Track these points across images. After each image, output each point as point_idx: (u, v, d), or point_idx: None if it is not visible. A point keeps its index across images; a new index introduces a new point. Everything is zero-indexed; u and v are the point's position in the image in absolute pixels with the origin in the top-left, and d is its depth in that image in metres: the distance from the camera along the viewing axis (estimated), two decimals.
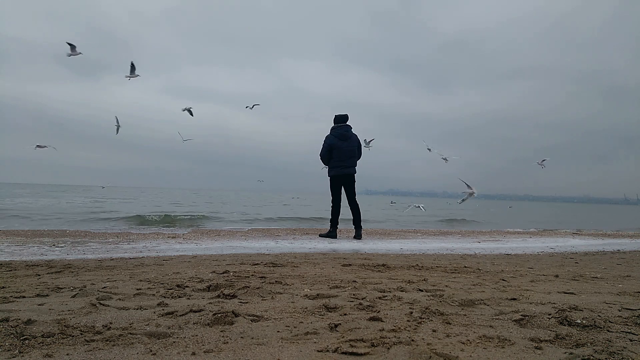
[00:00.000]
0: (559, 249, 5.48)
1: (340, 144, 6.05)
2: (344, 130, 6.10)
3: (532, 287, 2.36)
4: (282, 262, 3.19)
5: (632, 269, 3.51)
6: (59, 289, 2.07)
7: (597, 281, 2.68)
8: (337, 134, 6.08)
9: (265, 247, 4.68)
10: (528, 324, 1.51)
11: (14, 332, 1.32)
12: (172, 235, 5.76)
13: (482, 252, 4.82)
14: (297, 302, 1.81)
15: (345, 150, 6.07)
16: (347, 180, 6.17)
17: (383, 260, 3.56)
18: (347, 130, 6.13)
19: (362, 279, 2.50)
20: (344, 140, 6.06)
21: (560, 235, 7.96)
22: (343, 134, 6.08)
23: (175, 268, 2.89)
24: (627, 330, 1.46)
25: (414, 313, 1.63)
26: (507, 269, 3.19)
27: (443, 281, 2.47)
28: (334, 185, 6.23)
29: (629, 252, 5.20)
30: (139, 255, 3.77)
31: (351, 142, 6.12)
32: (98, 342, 1.27)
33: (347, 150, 6.08)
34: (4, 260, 3.37)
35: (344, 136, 6.08)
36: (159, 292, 2.01)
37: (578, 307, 1.76)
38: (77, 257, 3.68)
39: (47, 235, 5.41)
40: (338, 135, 6.07)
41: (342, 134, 6.08)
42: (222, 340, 1.31)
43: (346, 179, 6.17)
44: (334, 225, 6.19)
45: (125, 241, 4.96)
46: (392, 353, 1.21)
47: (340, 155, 6.06)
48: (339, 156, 6.06)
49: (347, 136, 6.10)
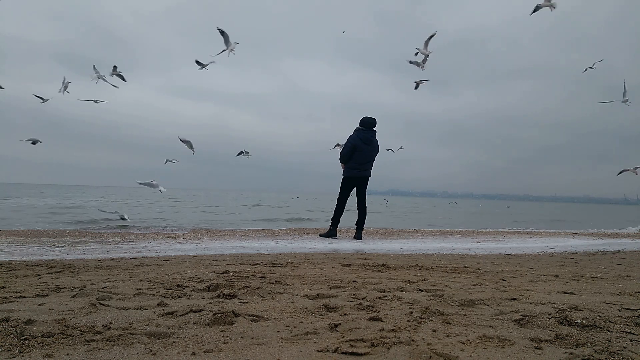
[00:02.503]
0: (559, 249, 5.48)
1: (363, 147, 6.07)
2: (369, 135, 6.14)
3: (532, 287, 2.37)
4: (282, 262, 3.19)
5: (632, 269, 3.51)
6: (59, 289, 2.07)
7: (597, 281, 2.68)
8: (362, 137, 6.09)
9: (265, 247, 4.68)
10: (528, 324, 1.51)
11: (14, 332, 1.32)
12: (172, 235, 5.76)
13: (482, 252, 4.82)
14: (297, 302, 1.81)
15: (366, 154, 6.11)
16: (361, 183, 6.22)
17: (383, 260, 3.56)
18: (373, 135, 6.17)
19: (362, 279, 2.50)
20: (367, 145, 6.10)
21: (560, 235, 7.96)
22: (368, 138, 6.11)
23: (175, 268, 2.89)
24: (627, 330, 1.46)
25: (414, 313, 1.63)
26: (507, 269, 3.19)
27: (443, 281, 2.47)
28: (346, 185, 6.24)
29: (629, 252, 5.20)
30: (139, 255, 3.77)
31: (373, 147, 6.17)
32: (98, 342, 1.27)
33: (368, 155, 6.13)
34: (4, 260, 3.37)
35: (368, 140, 6.11)
36: (159, 292, 2.01)
37: (578, 307, 1.76)
38: (77, 257, 3.68)
39: (47, 235, 5.41)
40: (363, 138, 6.09)
41: (367, 138, 6.11)
42: (222, 340, 1.31)
43: (361, 181, 6.21)
44: (335, 224, 6.21)
45: (125, 241, 4.96)
46: (392, 353, 1.21)
47: (360, 158, 6.09)
48: (359, 159, 6.09)
49: (371, 141, 6.14)
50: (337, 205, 6.26)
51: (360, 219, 6.20)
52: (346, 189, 6.25)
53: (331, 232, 6.14)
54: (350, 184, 6.22)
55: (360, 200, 6.25)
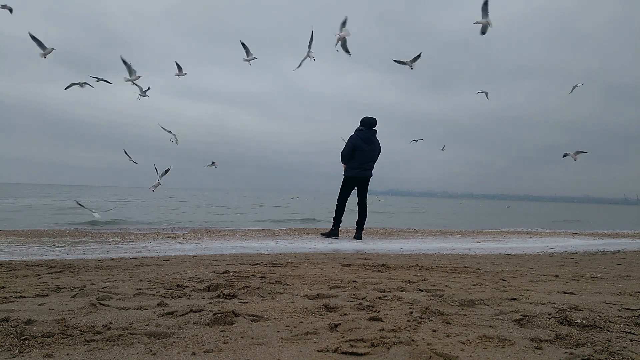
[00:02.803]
0: (559, 249, 5.48)
1: (364, 146, 6.04)
2: (370, 135, 6.10)
3: (532, 287, 2.37)
4: (282, 262, 3.19)
5: (632, 269, 3.51)
6: (59, 289, 2.07)
7: (597, 281, 2.68)
8: (363, 137, 6.06)
9: (265, 247, 4.68)
10: (528, 324, 1.51)
11: (14, 332, 1.32)
12: (172, 235, 5.76)
13: (482, 252, 4.82)
14: (297, 302, 1.81)
15: (367, 154, 6.08)
16: (362, 182, 6.19)
17: (383, 260, 3.56)
18: (373, 135, 6.14)
19: (362, 279, 2.50)
20: (368, 144, 6.06)
21: (560, 236, 7.96)
22: (369, 138, 6.08)
23: (175, 268, 2.89)
24: (627, 330, 1.46)
25: (414, 313, 1.63)
26: (507, 269, 3.19)
27: (443, 281, 2.47)
28: (347, 185, 6.22)
29: (629, 252, 5.20)
30: (139, 255, 3.77)
31: (374, 146, 6.14)
32: (98, 342, 1.27)
33: (369, 154, 6.10)
34: (4, 260, 3.37)
35: (369, 140, 6.07)
36: (159, 292, 2.01)
37: (578, 307, 1.76)
38: (77, 257, 3.68)
39: (47, 235, 5.41)
40: (364, 137, 6.06)
41: (368, 137, 6.07)
42: (222, 340, 1.31)
43: (362, 181, 6.18)
44: (337, 224, 6.20)
45: (125, 241, 4.96)
46: (392, 353, 1.21)
47: (361, 157, 6.06)
48: (360, 158, 6.07)
49: (372, 141, 6.11)
50: (338, 205, 6.25)
51: (361, 219, 6.19)
52: (347, 189, 6.24)
53: (333, 232, 6.14)
54: (351, 183, 6.21)
55: (360, 200, 6.24)
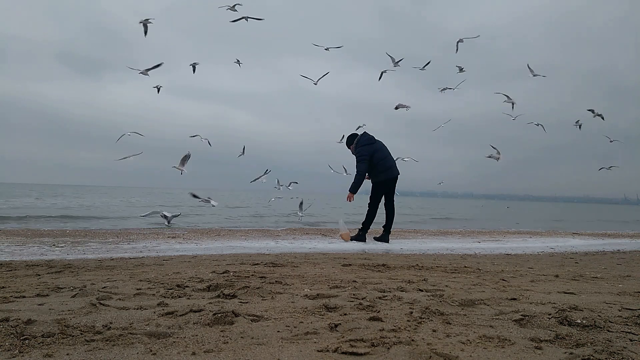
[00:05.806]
0: (559, 249, 5.48)
1: (376, 145, 5.77)
2: (369, 136, 5.86)
3: (532, 287, 2.37)
4: (282, 262, 3.19)
5: (632, 269, 3.51)
6: (59, 289, 2.07)
7: (597, 281, 2.68)
8: (367, 140, 5.80)
9: (265, 247, 4.68)
10: (528, 324, 1.51)
11: (14, 332, 1.32)
12: (172, 235, 5.76)
13: (482, 252, 4.82)
14: (297, 302, 1.81)
15: (384, 150, 5.80)
16: (393, 183, 5.90)
17: (383, 260, 3.56)
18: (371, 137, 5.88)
19: (362, 279, 2.50)
20: (375, 142, 5.80)
21: (560, 235, 7.96)
22: (371, 138, 5.84)
23: (175, 268, 2.89)
24: (627, 330, 1.46)
25: (414, 313, 1.63)
26: (507, 269, 3.19)
27: (443, 281, 2.47)
28: (380, 190, 5.85)
29: (629, 252, 5.20)
30: (139, 255, 3.77)
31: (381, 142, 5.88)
32: (98, 342, 1.27)
33: (385, 149, 5.82)
34: (4, 260, 3.36)
35: (373, 139, 5.83)
36: (159, 292, 2.01)
37: (578, 307, 1.76)
38: (77, 257, 3.68)
39: (47, 235, 5.40)
40: (367, 141, 5.80)
41: (370, 137, 5.84)
42: (222, 340, 1.31)
43: (392, 182, 5.89)
44: (365, 230, 5.85)
45: (125, 241, 4.96)
46: (392, 353, 1.21)
47: (382, 156, 5.74)
48: (382, 157, 5.74)
49: (375, 139, 5.86)
50: (370, 210, 5.86)
51: (390, 220, 5.88)
52: (379, 194, 5.85)
53: (361, 237, 5.78)
54: (382, 187, 5.84)
55: (388, 202, 5.91)
